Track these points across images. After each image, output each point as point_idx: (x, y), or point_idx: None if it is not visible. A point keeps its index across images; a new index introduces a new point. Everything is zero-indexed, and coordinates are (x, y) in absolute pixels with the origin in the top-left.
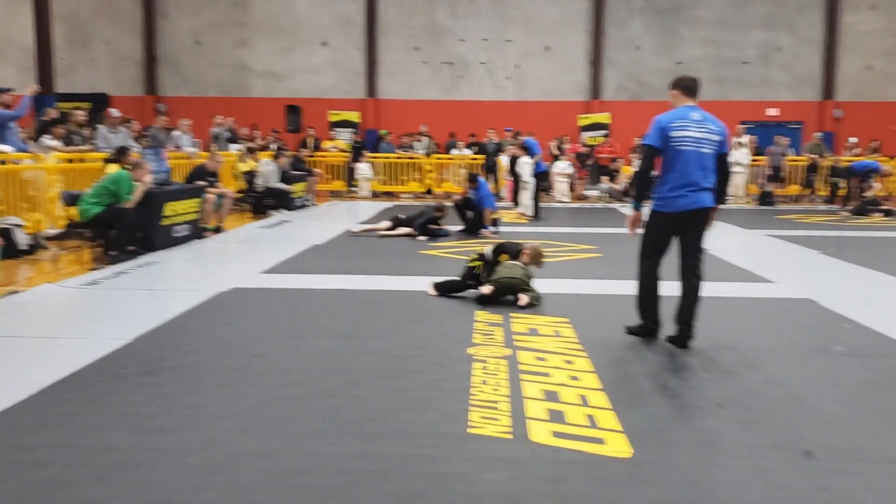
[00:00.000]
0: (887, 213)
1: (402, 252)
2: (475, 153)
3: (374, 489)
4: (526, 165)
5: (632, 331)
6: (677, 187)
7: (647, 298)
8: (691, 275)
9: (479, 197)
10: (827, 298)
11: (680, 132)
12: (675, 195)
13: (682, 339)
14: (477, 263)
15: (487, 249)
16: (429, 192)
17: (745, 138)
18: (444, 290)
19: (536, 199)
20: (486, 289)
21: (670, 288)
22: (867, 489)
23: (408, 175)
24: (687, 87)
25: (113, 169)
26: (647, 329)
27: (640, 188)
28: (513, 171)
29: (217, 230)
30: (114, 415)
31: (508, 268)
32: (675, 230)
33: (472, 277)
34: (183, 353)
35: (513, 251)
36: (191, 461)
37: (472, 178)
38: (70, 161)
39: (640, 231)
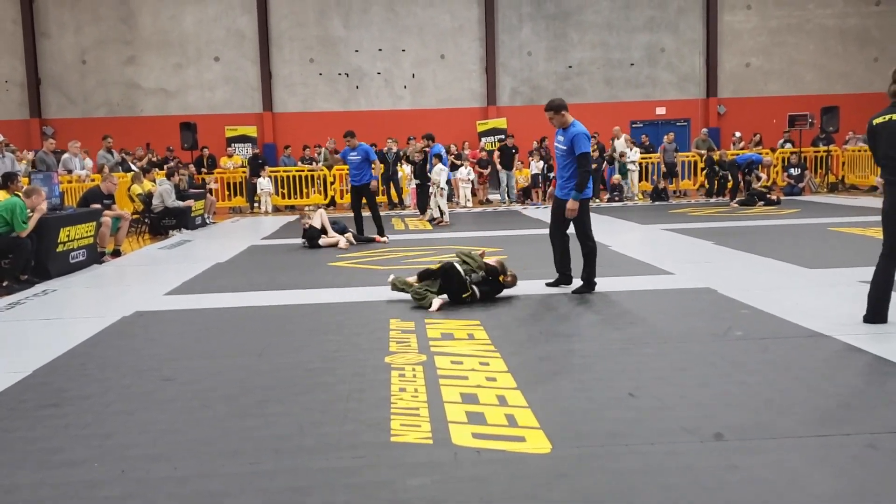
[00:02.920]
0: (772, 202)
1: (309, 265)
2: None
3: None
4: (443, 172)
5: (551, 284)
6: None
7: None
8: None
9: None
10: (724, 286)
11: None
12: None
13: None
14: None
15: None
16: (332, 203)
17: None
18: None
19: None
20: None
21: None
22: (772, 464)
23: (309, 187)
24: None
25: (2, 196)
26: (563, 279)
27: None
28: (421, 176)
29: (115, 254)
30: (15, 451)
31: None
32: None
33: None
34: (87, 382)
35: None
36: (102, 493)
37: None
38: None
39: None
